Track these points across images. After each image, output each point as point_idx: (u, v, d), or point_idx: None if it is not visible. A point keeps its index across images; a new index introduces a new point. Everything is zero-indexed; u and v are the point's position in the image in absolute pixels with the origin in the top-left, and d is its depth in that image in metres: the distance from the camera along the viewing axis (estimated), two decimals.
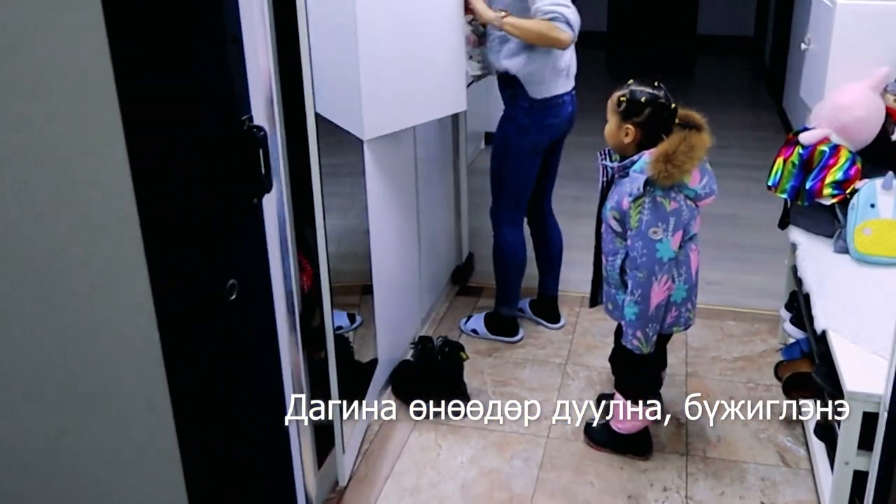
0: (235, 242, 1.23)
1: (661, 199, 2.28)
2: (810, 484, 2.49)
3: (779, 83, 6.52)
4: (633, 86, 2.32)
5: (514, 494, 2.47)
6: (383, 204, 2.77)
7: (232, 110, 1.20)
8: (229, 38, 1.18)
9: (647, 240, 2.28)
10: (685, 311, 2.42)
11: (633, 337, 2.36)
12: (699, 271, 2.47)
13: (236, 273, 1.23)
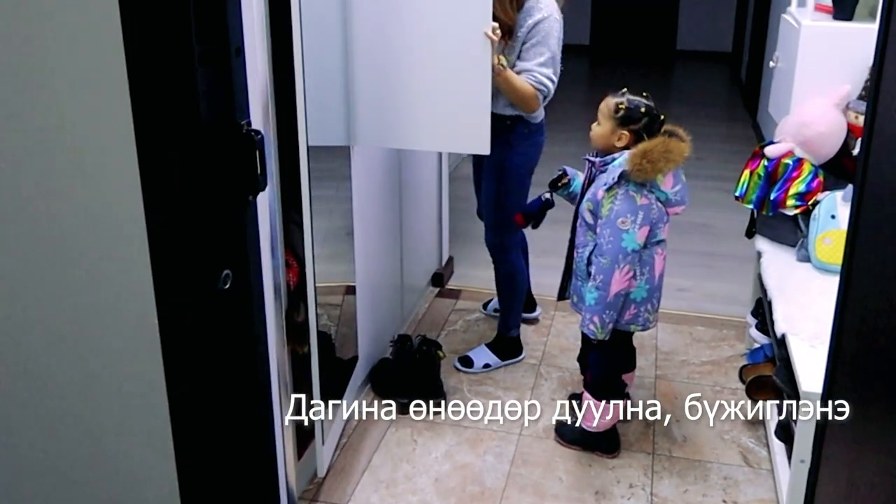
0: (231, 236, 1.33)
1: (634, 192, 2.41)
2: (771, 483, 2.61)
3: (754, 98, 6.69)
4: (628, 95, 2.46)
5: (485, 488, 2.57)
6: (368, 207, 2.87)
7: (233, 115, 1.30)
8: (234, 50, 1.29)
9: (615, 228, 2.41)
10: (644, 311, 2.54)
11: (589, 321, 2.48)
12: (663, 277, 2.58)
13: (231, 264, 1.33)
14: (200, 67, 1.20)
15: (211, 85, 1.22)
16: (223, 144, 1.25)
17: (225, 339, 1.36)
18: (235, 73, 1.27)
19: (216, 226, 1.29)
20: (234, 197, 1.31)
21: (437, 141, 2.66)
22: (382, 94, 2.54)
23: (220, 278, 1.31)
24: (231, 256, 1.33)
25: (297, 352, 2.33)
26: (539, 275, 3.51)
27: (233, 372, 1.39)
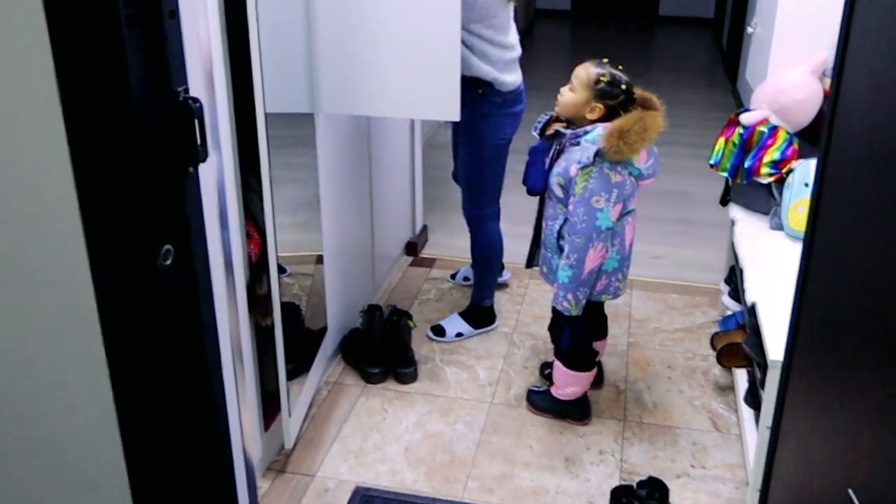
0: (171, 210, 1.29)
1: (608, 171, 2.37)
2: (739, 448, 2.62)
3: (734, 65, 6.64)
4: (609, 67, 2.41)
5: (455, 457, 2.57)
6: (335, 174, 2.83)
7: (168, 82, 1.25)
8: (167, 13, 1.24)
9: (589, 207, 2.38)
10: (615, 280, 2.52)
11: (563, 299, 2.46)
12: (633, 244, 2.56)
13: (172, 239, 1.29)
14: (129, 32, 1.15)
15: (141, 51, 1.17)
16: (157, 114, 1.21)
17: (169, 316, 1.33)
18: (170, 37, 1.22)
19: (154, 200, 1.25)
20: (173, 169, 1.27)
21: (404, 108, 2.61)
22: (347, 59, 2.48)
23: (161, 254, 1.27)
24: (172, 231, 1.29)
25: (261, 324, 2.31)
26: (512, 244, 3.48)
27: (178, 349, 1.36)
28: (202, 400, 1.45)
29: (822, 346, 1.60)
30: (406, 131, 3.64)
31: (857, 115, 1.45)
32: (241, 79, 2.04)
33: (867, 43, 1.41)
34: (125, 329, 1.26)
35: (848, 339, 1.45)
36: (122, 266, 1.22)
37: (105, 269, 1.19)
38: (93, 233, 1.17)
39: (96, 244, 1.18)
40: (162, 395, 1.36)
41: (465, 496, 2.41)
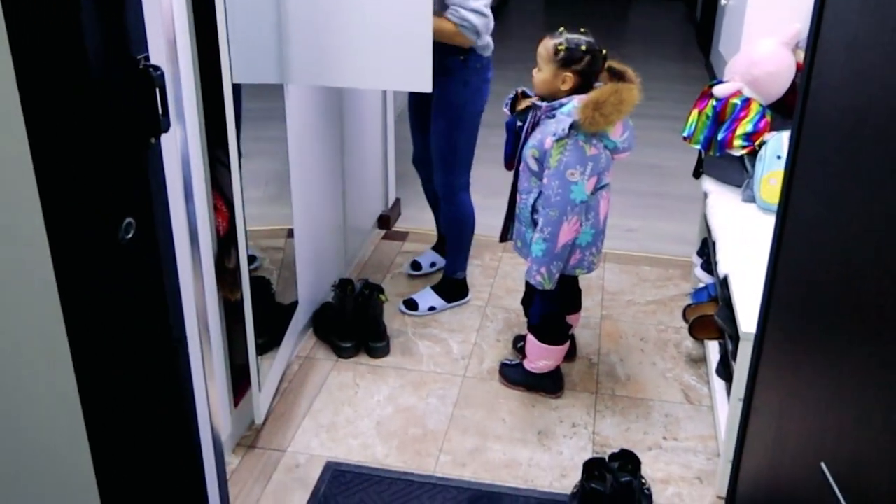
0: (132, 182, 1.25)
1: (584, 143, 2.35)
2: (710, 420, 2.63)
3: (708, 37, 6.63)
4: (567, 34, 2.37)
5: (427, 431, 2.56)
6: (306, 147, 2.79)
7: (128, 50, 1.21)
8: None
9: (564, 180, 2.36)
10: (589, 255, 2.51)
11: (536, 272, 2.45)
12: (607, 218, 2.55)
13: (133, 212, 1.26)
14: None
15: (99, 16, 1.13)
16: (116, 82, 1.17)
17: (131, 289, 1.29)
18: (129, 2, 1.18)
19: (114, 171, 1.21)
20: (133, 140, 1.23)
21: (376, 79, 2.57)
22: (318, 29, 2.43)
23: (122, 227, 1.23)
24: (133, 204, 1.25)
25: (230, 298, 2.28)
26: (484, 216, 3.46)
27: (141, 323, 1.33)
28: (167, 374, 1.42)
29: (794, 319, 1.61)
30: (378, 104, 3.60)
31: (832, 84, 1.44)
32: (207, 48, 1.99)
33: (842, 10, 1.39)
34: (86, 303, 1.22)
35: (820, 311, 1.45)
36: (82, 239, 1.18)
37: (64, 243, 1.16)
38: (50, 205, 1.13)
39: (54, 217, 1.14)
40: (125, 370, 1.33)
41: (438, 470, 2.41)
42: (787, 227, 1.64)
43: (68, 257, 1.16)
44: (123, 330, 1.30)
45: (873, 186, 1.22)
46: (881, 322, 1.16)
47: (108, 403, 1.31)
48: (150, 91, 1.21)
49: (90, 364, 1.25)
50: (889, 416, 1.12)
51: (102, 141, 1.17)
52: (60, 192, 1.13)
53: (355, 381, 2.78)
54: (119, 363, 1.31)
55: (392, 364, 2.87)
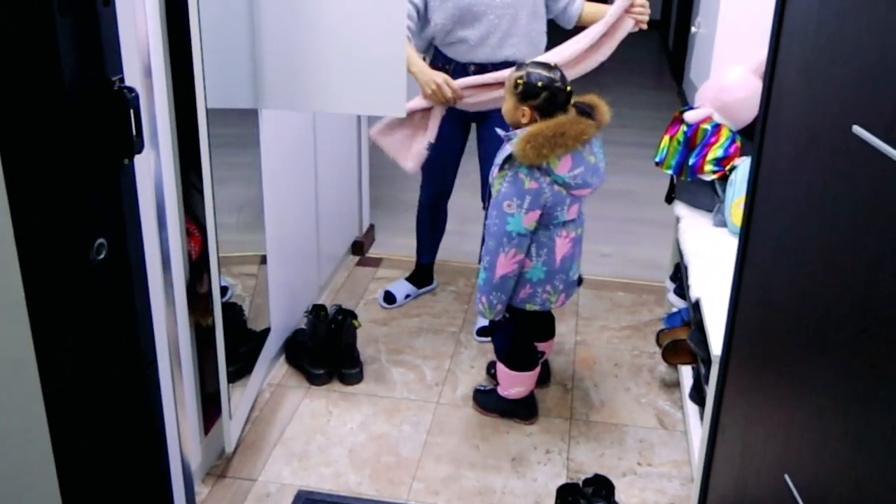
0: (105, 203, 1.24)
1: (523, 176, 2.32)
2: (684, 445, 2.63)
3: (680, 65, 6.73)
4: (529, 68, 2.35)
5: (401, 458, 2.53)
6: (279, 173, 2.77)
7: (102, 71, 1.20)
8: (100, 0, 1.19)
9: (501, 210, 2.35)
10: (542, 291, 2.48)
11: (478, 301, 2.46)
12: (572, 259, 2.51)
13: (105, 233, 1.24)
14: (61, 18, 1.10)
15: (74, 38, 1.12)
16: (90, 103, 1.16)
17: (102, 311, 1.27)
18: (104, 24, 1.17)
19: (87, 191, 1.20)
20: (106, 160, 1.22)
21: (350, 104, 2.56)
22: (292, 54, 2.43)
23: (94, 248, 1.22)
24: (105, 225, 1.24)
25: (202, 324, 2.25)
26: (458, 242, 3.48)
27: (110, 345, 1.31)
28: (136, 399, 1.40)
29: (757, 340, 1.62)
30: (353, 129, 3.60)
31: (789, 108, 1.46)
32: (181, 73, 1.98)
33: (796, 40, 1.43)
34: (55, 323, 1.21)
35: (781, 329, 1.47)
36: (53, 259, 1.17)
37: (35, 262, 1.14)
38: (22, 224, 1.12)
39: (25, 235, 1.13)
40: (93, 394, 1.30)
41: (411, 498, 2.38)
42: (749, 247, 1.66)
43: (38, 275, 1.15)
44: (93, 351, 1.28)
45: (827, 206, 1.25)
46: (838, 337, 1.19)
47: (76, 427, 1.28)
48: (125, 112, 1.20)
49: (58, 385, 1.22)
50: (848, 427, 1.14)
51: (76, 160, 1.16)
52: (32, 210, 1.12)
53: (328, 409, 2.75)
54: (88, 385, 1.29)
55: (365, 391, 2.84)
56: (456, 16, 2.81)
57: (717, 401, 1.81)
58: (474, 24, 2.82)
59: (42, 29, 1.09)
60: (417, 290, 3.44)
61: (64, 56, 1.12)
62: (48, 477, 1.28)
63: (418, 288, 3.44)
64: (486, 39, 2.83)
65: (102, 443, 1.35)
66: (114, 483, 1.39)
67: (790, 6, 1.46)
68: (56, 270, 1.19)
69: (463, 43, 2.86)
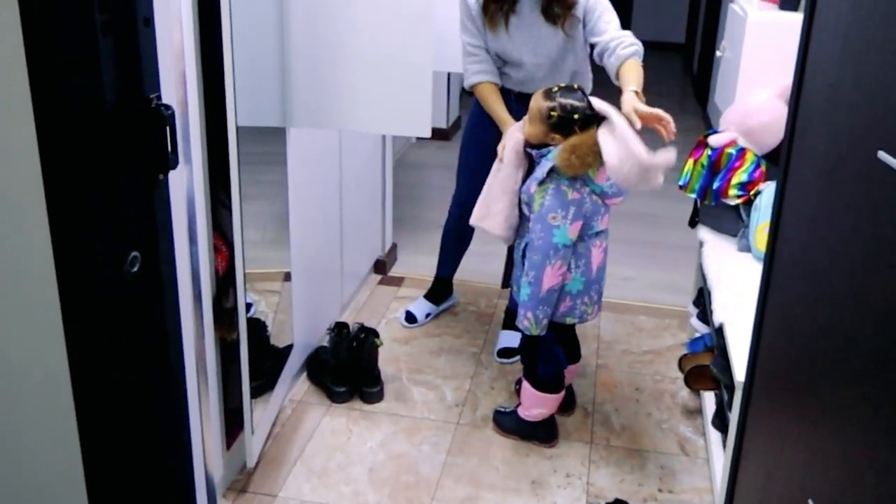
0: (140, 216, 1.26)
1: (565, 187, 2.37)
2: (706, 472, 2.61)
3: (704, 89, 6.73)
4: (560, 97, 2.38)
5: (420, 478, 2.53)
6: (305, 191, 2.80)
7: (141, 88, 1.23)
8: (141, 20, 1.22)
9: (546, 224, 2.37)
10: (580, 303, 2.50)
11: (523, 317, 2.45)
12: (605, 269, 2.55)
13: (140, 246, 1.26)
14: (104, 37, 1.13)
15: (116, 56, 1.15)
16: (129, 119, 1.18)
17: (134, 323, 1.29)
18: (143, 44, 1.20)
19: (123, 205, 1.22)
20: (143, 175, 1.24)
21: (376, 123, 2.59)
22: (320, 73, 2.46)
23: (128, 260, 1.24)
24: (140, 238, 1.26)
25: (226, 339, 2.26)
26: (480, 262, 3.49)
27: (142, 358, 1.32)
28: (165, 412, 1.41)
29: (782, 366, 1.61)
30: (377, 149, 3.62)
31: (815, 131, 1.47)
32: (212, 91, 2.01)
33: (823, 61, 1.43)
34: (89, 333, 1.22)
35: (806, 357, 1.46)
36: (89, 270, 1.18)
37: (71, 272, 1.16)
38: (60, 235, 1.14)
39: (63, 246, 1.15)
40: (124, 406, 1.32)
41: None
42: (773, 272, 1.65)
43: (73, 285, 1.16)
44: (123, 362, 1.30)
45: (851, 231, 1.24)
46: (863, 363, 1.19)
47: (106, 439, 1.29)
48: (161, 129, 1.22)
49: (90, 397, 1.24)
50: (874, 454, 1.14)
51: (114, 174, 1.18)
52: (71, 222, 1.14)
53: (348, 427, 2.75)
54: (118, 397, 1.30)
55: (385, 410, 2.85)
56: (500, 59, 2.89)
57: (740, 426, 1.80)
58: (515, 68, 2.89)
59: (86, 48, 1.12)
60: (437, 307, 3.44)
61: (106, 74, 1.15)
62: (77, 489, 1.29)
63: (438, 304, 3.44)
64: (527, 83, 2.88)
65: (131, 456, 1.36)
66: (141, 496, 1.40)
67: (816, 32, 1.46)
68: (91, 281, 1.21)
69: (509, 78, 2.93)
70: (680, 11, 9.23)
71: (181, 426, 1.45)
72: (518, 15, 2.78)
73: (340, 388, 2.85)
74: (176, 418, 1.43)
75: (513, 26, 2.79)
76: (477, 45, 2.85)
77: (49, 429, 1.27)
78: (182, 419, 1.45)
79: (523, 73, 2.88)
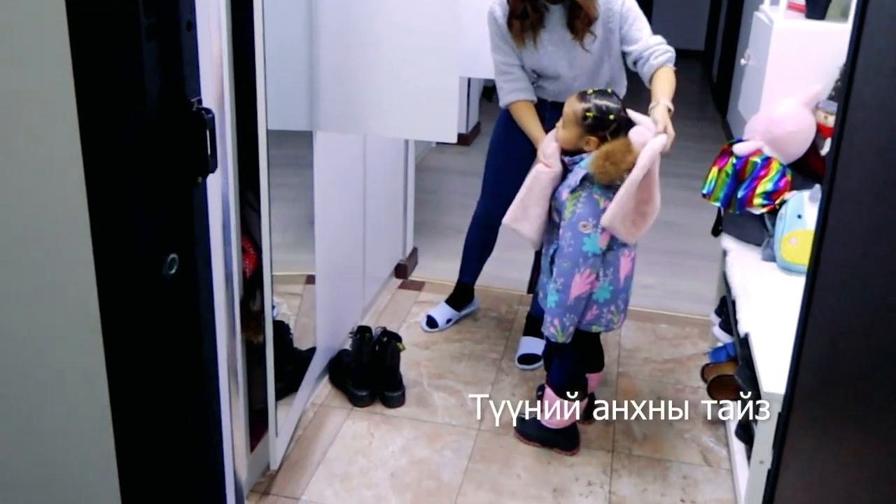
0: (179, 219, 1.26)
1: (597, 196, 2.36)
2: (730, 483, 2.59)
3: (724, 96, 6.70)
4: (594, 99, 2.38)
5: (441, 484, 2.53)
6: (330, 194, 2.80)
7: (183, 92, 1.23)
8: (184, 24, 1.22)
9: (576, 231, 2.36)
10: (607, 312, 2.49)
11: (550, 324, 2.44)
12: (632, 278, 2.54)
13: (178, 249, 1.26)
14: (148, 41, 1.13)
15: (159, 60, 1.15)
16: (171, 122, 1.19)
17: (170, 326, 1.29)
18: (186, 48, 1.20)
19: (162, 208, 1.22)
20: (183, 178, 1.24)
21: (402, 128, 2.60)
22: (348, 78, 2.47)
23: (166, 263, 1.24)
24: (178, 241, 1.26)
25: (252, 341, 2.27)
26: (502, 269, 3.48)
27: (178, 360, 1.33)
28: (199, 414, 1.41)
29: (824, 378, 1.59)
30: (400, 153, 3.63)
31: (865, 143, 1.44)
32: (243, 94, 2.02)
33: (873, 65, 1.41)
34: (126, 335, 1.23)
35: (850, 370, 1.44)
36: (128, 272, 1.19)
37: (111, 274, 1.17)
38: (101, 237, 1.15)
39: (104, 248, 1.16)
40: (159, 409, 1.32)
41: None
42: (816, 285, 1.63)
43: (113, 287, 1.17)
44: (160, 365, 1.30)
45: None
46: None
47: (141, 442, 1.30)
48: (202, 132, 1.22)
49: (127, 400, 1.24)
50: None
51: (155, 177, 1.18)
52: (111, 224, 1.15)
53: (370, 431, 2.75)
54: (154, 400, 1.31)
55: (407, 414, 2.85)
56: (535, 73, 2.89)
57: (779, 440, 1.77)
58: (552, 81, 2.90)
59: (130, 52, 1.12)
60: (458, 312, 3.44)
61: (149, 78, 1.15)
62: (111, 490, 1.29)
63: (458, 310, 3.44)
64: (563, 94, 2.86)
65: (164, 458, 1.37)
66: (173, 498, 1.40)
67: (865, 41, 1.44)
68: (130, 283, 1.21)
69: (544, 90, 2.93)
70: (699, 18, 9.21)
71: (214, 429, 1.45)
72: (548, 30, 2.77)
73: (362, 392, 2.86)
74: (209, 421, 1.43)
75: (545, 41, 2.78)
76: (510, 63, 2.85)
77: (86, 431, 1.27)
78: (215, 422, 1.45)
79: (560, 85, 2.88)
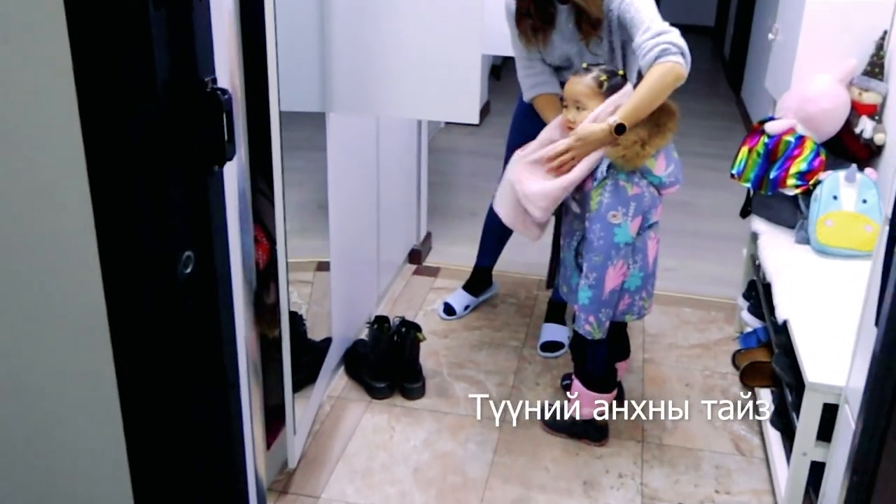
0: (194, 212, 1.15)
1: (624, 183, 2.24)
2: (764, 473, 2.49)
3: (738, 74, 6.55)
4: (594, 69, 2.30)
5: (467, 479, 2.43)
6: (344, 179, 2.68)
7: (195, 70, 1.11)
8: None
9: (606, 223, 2.25)
10: (639, 299, 2.39)
11: (585, 322, 2.33)
12: (658, 260, 2.44)
13: (193, 246, 1.15)
14: (155, 10, 1.01)
15: (169, 32, 1.03)
16: (183, 104, 1.07)
17: (187, 330, 1.18)
18: (198, 20, 1.09)
19: (176, 201, 1.11)
20: (197, 167, 1.13)
21: (420, 108, 2.47)
22: (362, 57, 2.35)
23: (181, 261, 1.13)
24: (194, 236, 1.15)
25: (267, 336, 2.16)
26: (518, 253, 3.37)
27: (196, 367, 1.22)
28: (218, 418, 1.31)
29: None
30: (412, 135, 3.50)
31: None
32: (252, 73, 1.90)
33: None
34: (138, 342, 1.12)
35: None
36: (139, 273, 1.08)
37: (119, 277, 1.06)
38: (106, 234, 1.03)
39: (110, 247, 1.04)
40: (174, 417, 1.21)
41: None
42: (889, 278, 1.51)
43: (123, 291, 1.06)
44: (174, 373, 1.19)
45: None
46: None
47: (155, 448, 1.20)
48: (218, 115, 1.11)
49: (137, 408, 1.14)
50: None
51: (165, 166, 1.06)
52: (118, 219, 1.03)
53: (390, 424, 2.65)
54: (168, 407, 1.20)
55: (428, 406, 2.74)
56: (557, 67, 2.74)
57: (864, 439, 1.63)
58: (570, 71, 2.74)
59: (136, 21, 1.00)
60: (477, 298, 3.33)
61: (157, 52, 1.03)
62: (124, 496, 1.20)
63: (477, 296, 3.33)
64: None
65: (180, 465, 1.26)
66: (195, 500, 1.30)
67: None
68: (141, 286, 1.10)
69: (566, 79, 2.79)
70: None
71: (235, 432, 1.35)
72: (558, 30, 2.61)
73: (381, 384, 2.75)
74: (230, 424, 1.33)
75: (559, 39, 2.62)
76: (531, 56, 2.71)
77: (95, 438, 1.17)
78: (237, 425, 1.35)
79: None
